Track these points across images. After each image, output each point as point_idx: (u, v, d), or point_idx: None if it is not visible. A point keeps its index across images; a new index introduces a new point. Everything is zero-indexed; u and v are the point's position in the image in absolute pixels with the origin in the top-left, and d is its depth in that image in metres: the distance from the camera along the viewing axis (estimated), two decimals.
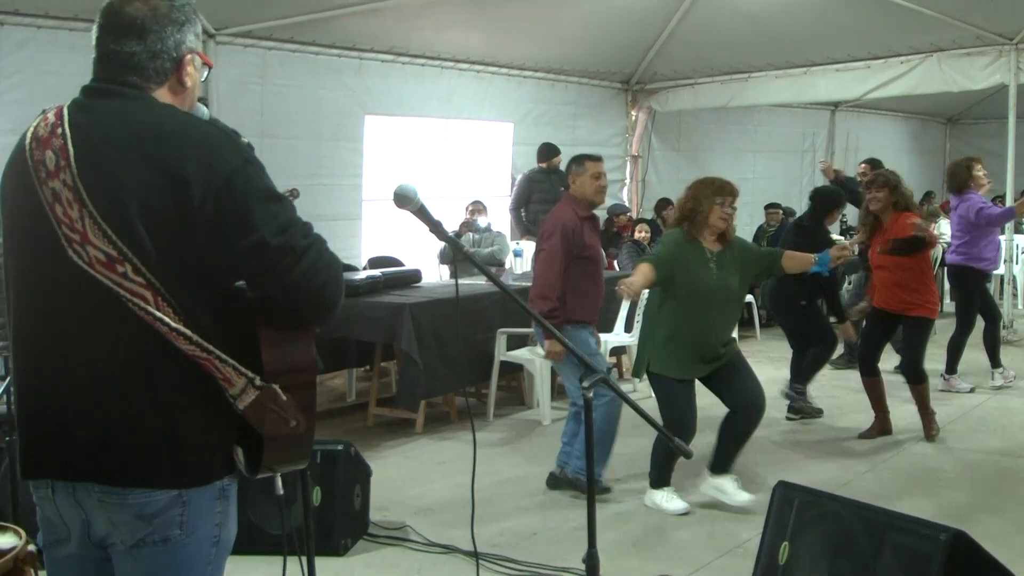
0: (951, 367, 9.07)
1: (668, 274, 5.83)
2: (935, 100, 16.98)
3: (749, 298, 12.45)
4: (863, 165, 10.04)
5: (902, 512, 4.21)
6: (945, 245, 12.93)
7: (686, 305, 5.88)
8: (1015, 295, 12.60)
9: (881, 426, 7.62)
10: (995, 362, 9.25)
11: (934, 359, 8.84)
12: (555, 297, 6.06)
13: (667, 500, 6.02)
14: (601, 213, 13.26)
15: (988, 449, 7.30)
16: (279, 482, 2.59)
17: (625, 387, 8.58)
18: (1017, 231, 13.59)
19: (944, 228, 13.77)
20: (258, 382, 2.28)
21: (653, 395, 8.76)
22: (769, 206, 13.95)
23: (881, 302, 7.56)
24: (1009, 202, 12.04)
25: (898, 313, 7.45)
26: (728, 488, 6.05)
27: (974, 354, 9.34)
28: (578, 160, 6.45)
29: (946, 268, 9.92)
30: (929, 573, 3.61)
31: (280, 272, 2.30)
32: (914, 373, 7.44)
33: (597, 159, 6.48)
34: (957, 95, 14.29)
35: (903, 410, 7.80)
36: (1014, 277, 12.47)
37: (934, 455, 7.15)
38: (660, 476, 6.09)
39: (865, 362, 7.66)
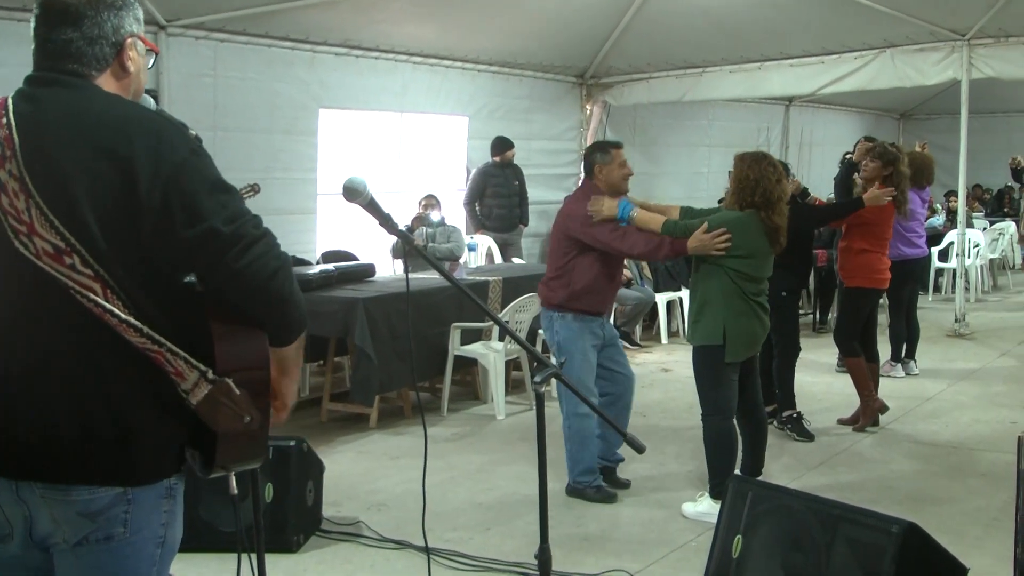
0: (896, 355, 9.36)
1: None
2: (888, 95, 17.18)
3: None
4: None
5: (855, 505, 4.24)
6: None
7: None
8: (967, 289, 12.73)
9: (868, 409, 7.65)
10: (910, 354, 9.53)
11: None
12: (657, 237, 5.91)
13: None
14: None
15: (939, 441, 7.37)
16: (233, 481, 2.55)
17: None
18: (969, 225, 13.75)
19: None
20: (211, 375, 2.24)
21: None
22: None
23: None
24: (961, 197, 12.20)
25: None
26: None
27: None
28: (603, 148, 6.35)
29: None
30: (882, 565, 3.64)
31: (230, 260, 2.25)
32: (840, 345, 7.87)
33: (620, 145, 6.42)
34: (910, 90, 14.43)
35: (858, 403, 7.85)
36: (966, 271, 12.60)
37: (886, 448, 7.21)
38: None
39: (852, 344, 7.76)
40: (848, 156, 8.61)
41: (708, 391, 5.87)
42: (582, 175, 14.10)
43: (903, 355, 9.50)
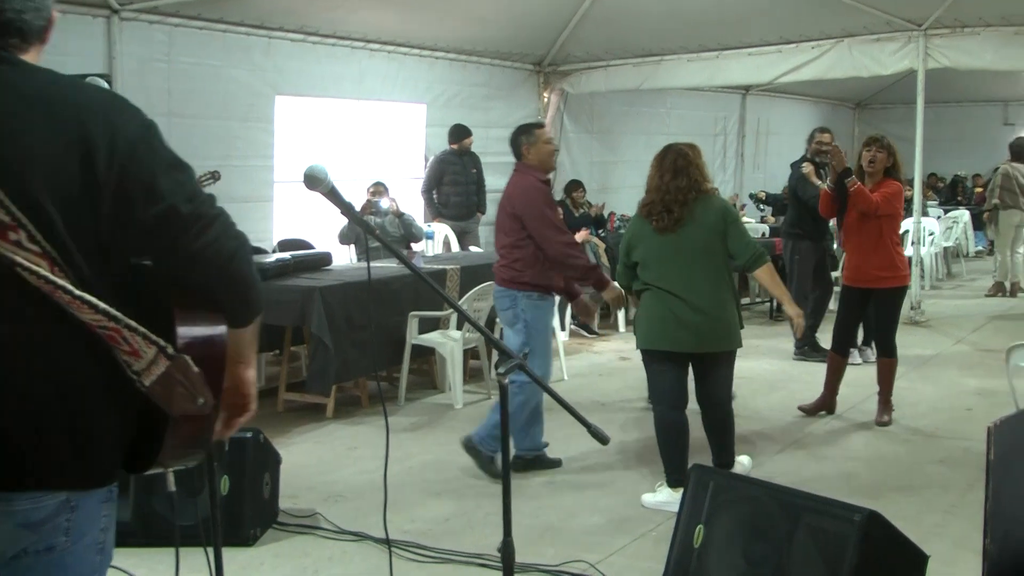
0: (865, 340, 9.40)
1: None
2: (844, 85, 17.28)
3: None
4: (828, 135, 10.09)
5: (816, 493, 4.23)
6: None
7: None
8: (922, 277, 12.82)
9: (823, 403, 7.73)
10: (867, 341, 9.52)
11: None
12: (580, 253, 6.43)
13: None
14: None
15: (896, 428, 7.40)
16: (171, 478, 2.46)
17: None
18: (924, 214, 13.86)
19: None
20: (170, 351, 2.12)
21: (566, 378, 8.88)
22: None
23: (851, 279, 7.55)
24: (917, 186, 12.27)
25: (869, 287, 7.43)
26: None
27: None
28: (526, 130, 6.50)
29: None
30: (844, 554, 3.63)
31: (189, 239, 2.17)
32: (890, 347, 7.52)
33: (542, 125, 6.67)
34: (866, 80, 14.54)
35: (816, 391, 7.87)
36: (921, 259, 12.69)
37: (845, 435, 7.24)
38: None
39: (843, 343, 7.74)
40: (811, 159, 8.76)
41: (648, 381, 6.15)
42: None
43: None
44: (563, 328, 9.92)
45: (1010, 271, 13.76)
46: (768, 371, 9.32)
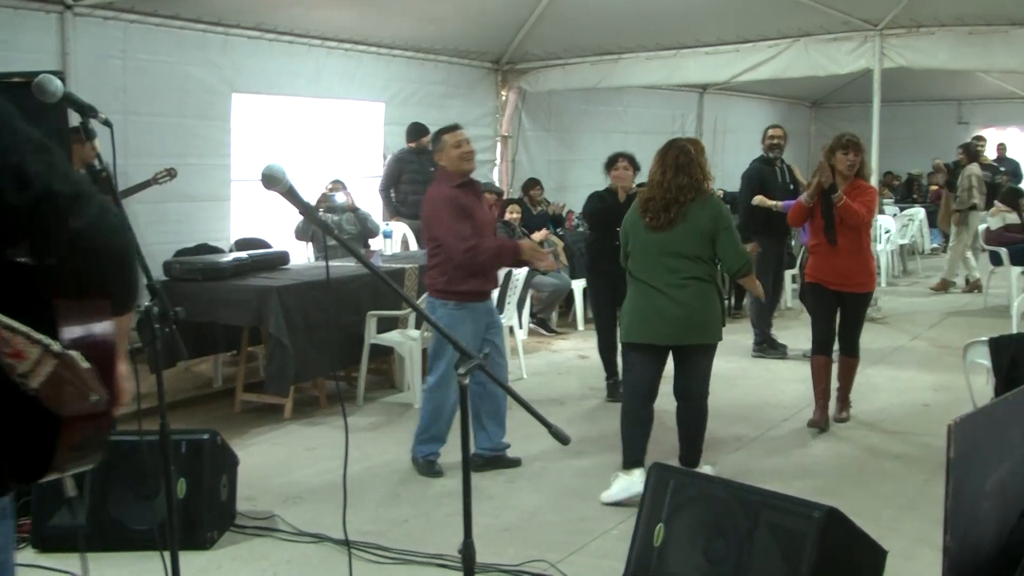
0: None
1: None
2: (801, 84, 17.41)
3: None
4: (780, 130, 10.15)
5: (775, 490, 4.24)
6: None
7: None
8: (879, 274, 12.90)
9: (825, 409, 7.45)
10: None
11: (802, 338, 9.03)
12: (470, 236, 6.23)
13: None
14: None
15: (854, 424, 7.45)
16: (69, 484, 2.36)
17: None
18: (880, 212, 13.96)
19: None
20: (56, 348, 1.98)
21: (525, 377, 8.86)
22: (640, 186, 14.01)
23: (826, 280, 7.38)
24: (874, 184, 12.35)
25: (843, 291, 7.31)
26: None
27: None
28: (435, 138, 6.61)
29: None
30: (803, 550, 3.65)
31: (71, 219, 2.01)
32: (855, 347, 7.51)
33: (453, 129, 6.54)
34: (822, 79, 14.63)
35: (775, 388, 7.91)
36: (878, 257, 12.78)
37: (801, 432, 7.26)
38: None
39: (826, 343, 7.50)
40: (766, 156, 8.84)
41: (623, 370, 6.37)
42: (497, 162, 14.28)
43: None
44: (521, 327, 9.90)
45: (970, 269, 13.95)
46: (726, 368, 9.30)
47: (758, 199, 8.52)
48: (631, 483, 5.77)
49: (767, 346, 9.88)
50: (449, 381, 6.20)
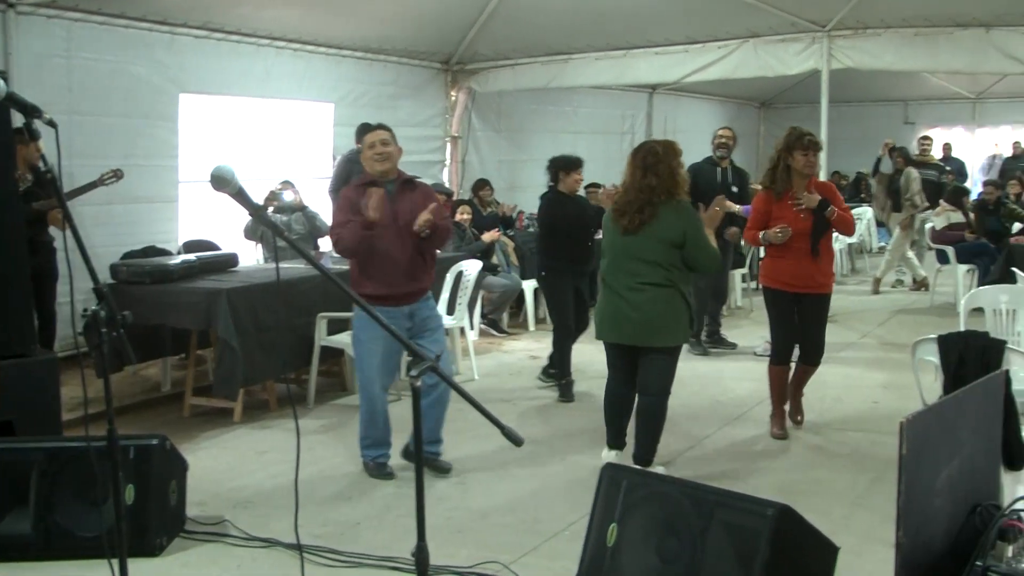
0: None
1: None
2: (750, 84, 17.53)
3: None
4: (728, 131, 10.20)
5: (727, 489, 4.25)
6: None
7: None
8: None
9: (783, 415, 7.32)
10: None
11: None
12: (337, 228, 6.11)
13: None
14: None
15: (806, 423, 7.47)
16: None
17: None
18: None
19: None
20: None
21: (476, 378, 8.84)
22: (589, 186, 14.07)
23: (784, 282, 7.09)
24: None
25: (803, 292, 7.03)
26: None
27: None
28: (357, 138, 6.26)
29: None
30: (757, 548, 3.66)
31: None
32: (819, 355, 7.20)
33: (372, 128, 6.46)
34: (771, 80, 14.76)
35: (724, 386, 7.94)
36: None
37: (753, 431, 7.30)
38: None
39: (788, 352, 7.24)
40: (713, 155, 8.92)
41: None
42: (447, 162, 14.26)
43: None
44: (472, 327, 9.88)
45: (914, 268, 14.10)
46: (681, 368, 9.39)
47: (719, 200, 8.57)
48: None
49: (710, 344, 10.02)
50: (371, 384, 6.20)
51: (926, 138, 15.17)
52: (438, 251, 6.60)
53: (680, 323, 6.06)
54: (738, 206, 9.52)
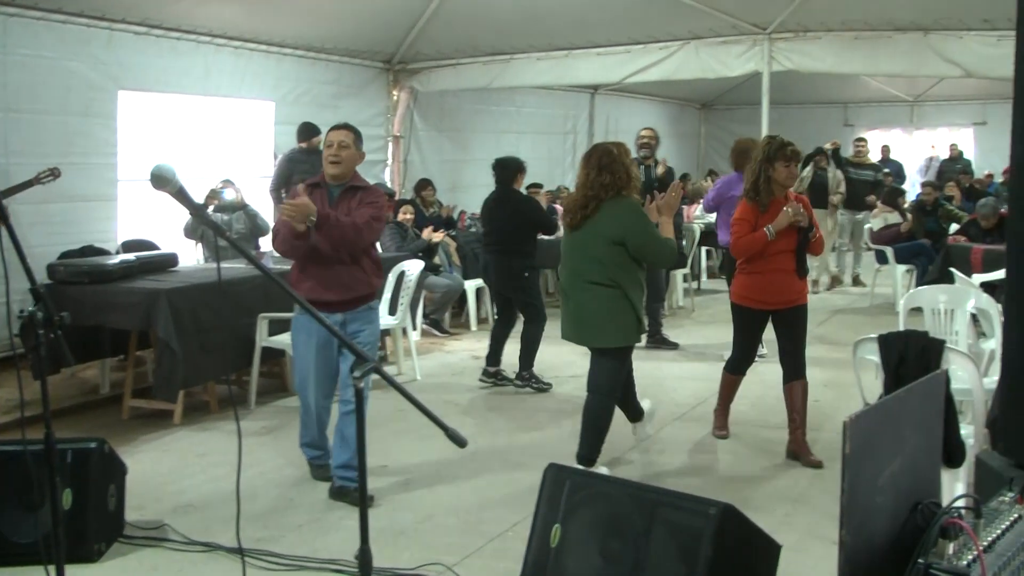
0: None
1: None
2: (691, 86, 17.66)
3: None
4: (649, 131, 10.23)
5: (671, 489, 4.26)
6: (703, 225, 13.51)
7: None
8: None
9: (726, 418, 7.24)
10: None
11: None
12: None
13: None
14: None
15: (746, 420, 7.53)
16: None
17: (390, 371, 8.55)
18: None
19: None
20: None
21: (419, 379, 8.81)
22: (531, 186, 14.09)
23: (759, 300, 6.73)
24: None
25: (780, 308, 6.70)
26: None
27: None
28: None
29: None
30: (699, 547, 3.67)
31: None
32: (803, 366, 6.74)
33: (334, 127, 6.08)
34: (712, 81, 14.86)
35: (665, 386, 7.96)
36: None
37: (696, 430, 7.33)
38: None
39: (746, 363, 7.09)
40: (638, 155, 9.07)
41: None
42: (389, 162, 14.19)
43: None
44: (414, 328, 9.85)
45: (828, 267, 14.32)
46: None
47: (676, 186, 8.66)
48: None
49: (652, 343, 10.10)
50: (303, 388, 6.04)
51: (861, 139, 15.37)
52: (379, 249, 6.45)
53: (622, 324, 6.04)
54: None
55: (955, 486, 4.69)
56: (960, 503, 2.67)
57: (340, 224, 5.66)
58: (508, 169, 8.82)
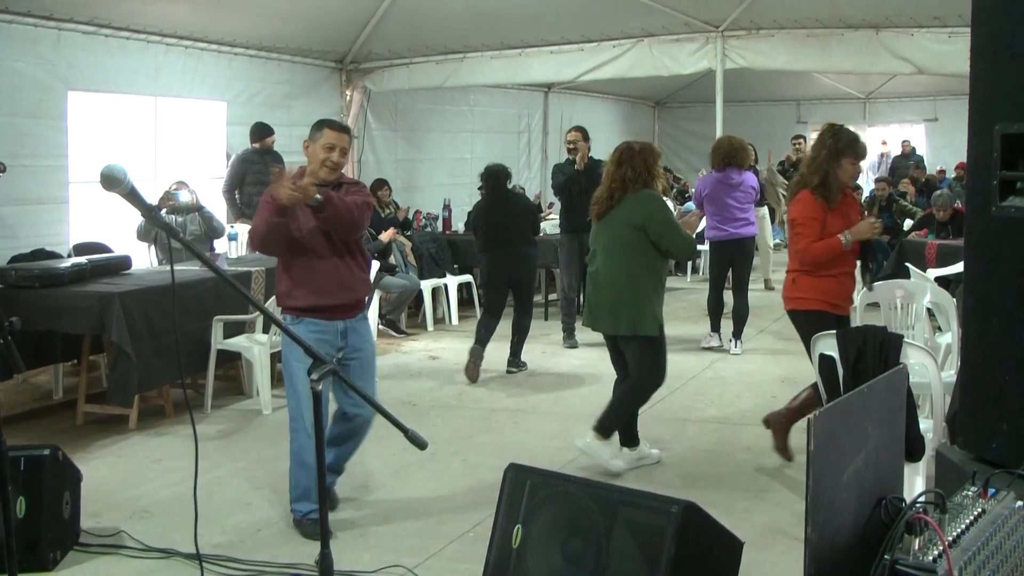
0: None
1: None
2: (645, 83, 17.71)
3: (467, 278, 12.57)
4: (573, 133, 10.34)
5: (632, 487, 4.26)
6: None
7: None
8: None
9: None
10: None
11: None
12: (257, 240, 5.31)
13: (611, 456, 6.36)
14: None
15: (705, 418, 7.57)
16: None
17: None
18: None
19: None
20: None
21: (376, 380, 8.72)
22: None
23: (838, 305, 6.24)
24: None
25: (848, 313, 6.36)
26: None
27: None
28: (317, 125, 5.43)
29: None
30: (662, 546, 3.66)
31: None
32: None
33: (339, 128, 5.45)
34: (666, 79, 14.90)
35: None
36: None
37: (656, 427, 7.32)
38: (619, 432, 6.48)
39: None
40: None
41: None
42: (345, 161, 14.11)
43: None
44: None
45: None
46: (576, 365, 9.45)
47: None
48: (599, 450, 6.33)
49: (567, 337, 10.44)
50: (300, 418, 5.33)
51: (797, 138, 15.54)
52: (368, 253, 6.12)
53: (641, 313, 6.22)
54: None
55: (915, 480, 4.73)
56: (925, 498, 2.67)
57: (343, 204, 5.22)
58: (499, 177, 9.43)
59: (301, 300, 5.31)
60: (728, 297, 10.48)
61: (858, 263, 6.35)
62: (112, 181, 2.76)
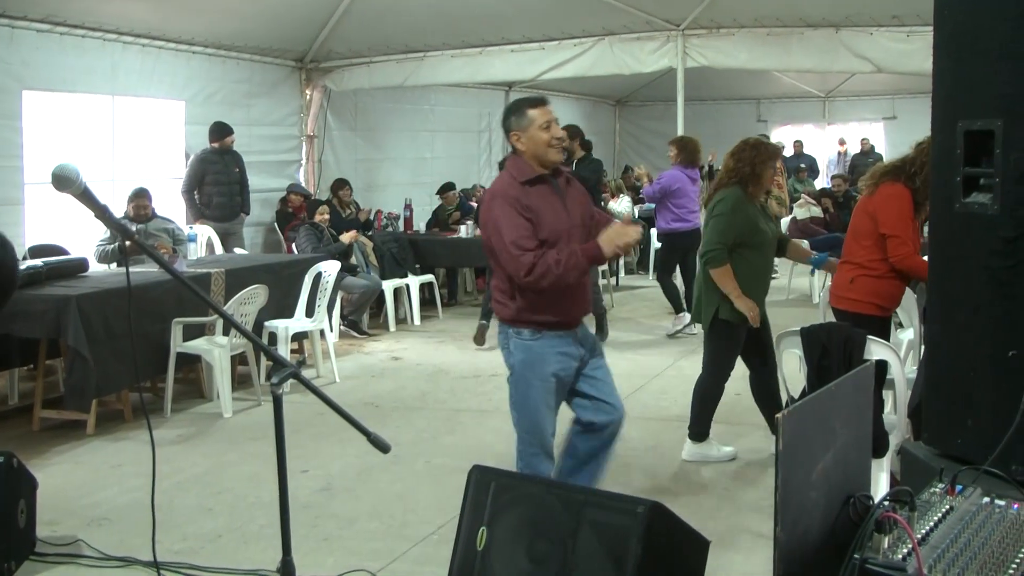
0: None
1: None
2: (606, 82, 17.73)
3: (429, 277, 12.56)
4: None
5: (597, 488, 4.23)
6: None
7: (753, 258, 6.33)
8: None
9: None
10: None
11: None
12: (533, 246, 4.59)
13: (715, 449, 6.62)
14: (279, 194, 12.94)
15: (670, 416, 7.55)
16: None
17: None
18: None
19: (625, 204, 14.46)
20: None
21: (338, 381, 8.70)
22: (444, 188, 14.05)
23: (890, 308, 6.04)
24: None
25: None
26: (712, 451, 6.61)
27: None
28: (517, 110, 4.83)
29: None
30: (628, 546, 3.63)
31: None
32: None
33: (540, 102, 4.86)
34: (627, 78, 14.91)
35: None
36: None
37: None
38: (702, 429, 6.62)
39: None
40: None
41: None
42: (303, 162, 14.01)
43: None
44: (332, 329, 9.74)
45: None
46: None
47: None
48: (702, 453, 6.60)
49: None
50: (542, 446, 4.92)
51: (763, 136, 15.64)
52: (295, 250, 6.10)
53: (705, 306, 6.39)
54: None
55: (879, 476, 4.73)
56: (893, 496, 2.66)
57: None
58: None
59: (554, 316, 4.79)
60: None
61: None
62: (64, 181, 2.70)
